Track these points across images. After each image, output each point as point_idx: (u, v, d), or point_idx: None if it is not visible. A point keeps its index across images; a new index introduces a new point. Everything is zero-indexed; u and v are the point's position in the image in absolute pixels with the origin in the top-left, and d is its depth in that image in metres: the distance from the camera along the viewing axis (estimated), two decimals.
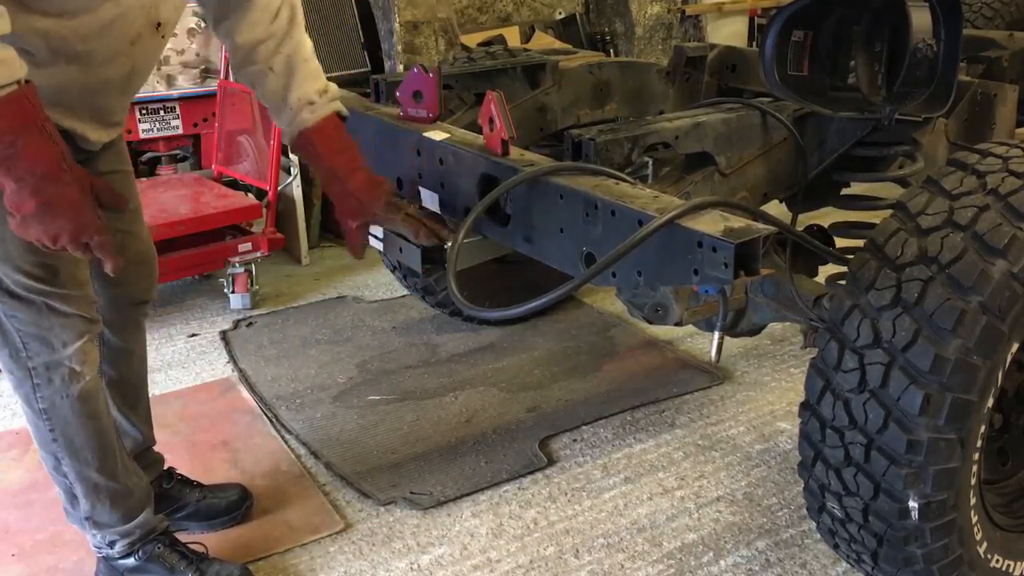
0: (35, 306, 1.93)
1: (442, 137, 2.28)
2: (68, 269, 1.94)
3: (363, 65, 4.98)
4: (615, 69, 3.17)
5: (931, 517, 1.81)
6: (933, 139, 2.66)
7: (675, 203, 1.79)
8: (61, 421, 2.04)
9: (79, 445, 2.07)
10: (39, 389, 2.02)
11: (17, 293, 1.91)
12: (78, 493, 2.13)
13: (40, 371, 2.00)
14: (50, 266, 1.90)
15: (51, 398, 2.02)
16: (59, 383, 2.01)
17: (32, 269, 1.89)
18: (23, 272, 1.88)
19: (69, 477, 2.11)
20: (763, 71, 2.46)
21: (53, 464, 2.11)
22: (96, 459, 2.10)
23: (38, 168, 1.62)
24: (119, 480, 2.15)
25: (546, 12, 6.02)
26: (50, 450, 2.09)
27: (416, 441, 2.91)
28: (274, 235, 4.15)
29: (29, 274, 1.89)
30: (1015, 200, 1.80)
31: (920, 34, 2.21)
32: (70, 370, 2.01)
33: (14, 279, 1.89)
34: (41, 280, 1.91)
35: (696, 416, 3.03)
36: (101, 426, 2.10)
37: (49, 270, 1.91)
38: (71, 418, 2.04)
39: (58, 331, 1.96)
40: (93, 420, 2.07)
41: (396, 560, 2.40)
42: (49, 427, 2.05)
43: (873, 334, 1.79)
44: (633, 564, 2.36)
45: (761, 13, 6.34)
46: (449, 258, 2.06)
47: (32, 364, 1.99)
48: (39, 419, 2.05)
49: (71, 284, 1.96)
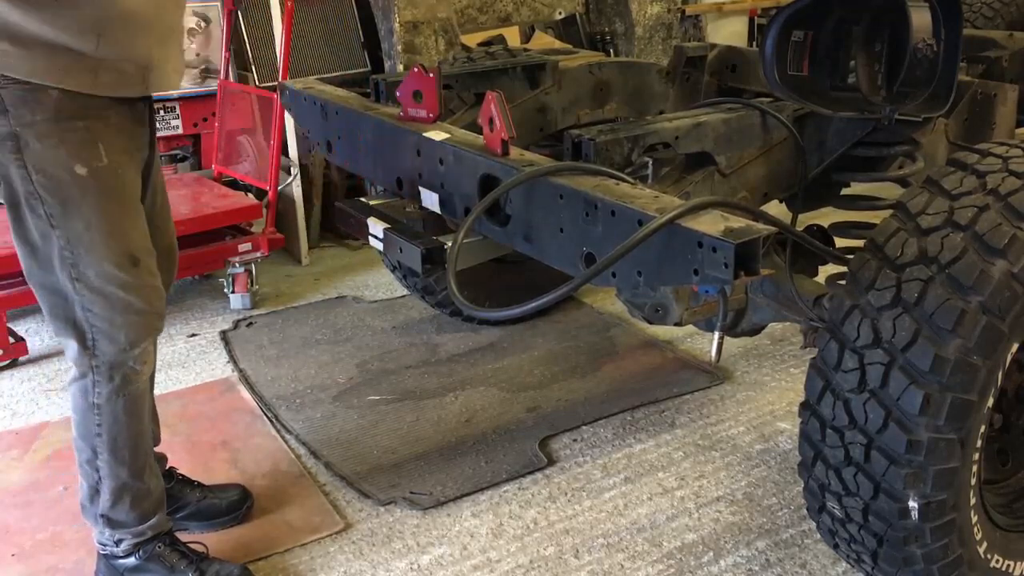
0: (111, 300, 1.99)
1: (442, 137, 2.28)
2: (147, 260, 2.03)
3: (363, 65, 4.98)
4: (615, 69, 3.17)
5: (931, 517, 1.81)
6: (933, 139, 2.66)
7: (675, 203, 1.79)
8: (110, 418, 2.09)
9: (120, 443, 2.11)
10: (98, 385, 2.06)
11: (96, 285, 1.97)
12: (103, 489, 2.15)
13: (103, 369, 2.05)
14: (132, 255, 1.99)
15: (108, 395, 2.07)
16: (119, 382, 2.06)
17: (117, 258, 1.97)
18: (108, 260, 1.96)
19: (100, 472, 2.14)
20: (763, 71, 2.47)
21: (88, 457, 2.14)
22: (131, 458, 2.14)
23: None
24: (144, 480, 2.18)
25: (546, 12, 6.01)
26: (91, 443, 2.12)
27: (416, 441, 2.91)
28: (274, 235, 4.15)
29: (114, 263, 1.96)
30: (1015, 200, 1.80)
31: (920, 34, 2.21)
32: (131, 370, 2.07)
33: (97, 269, 1.96)
34: (124, 269, 1.98)
35: (696, 416, 3.03)
36: (142, 427, 2.15)
37: (131, 259, 1.99)
38: (121, 416, 2.09)
39: (129, 330, 2.02)
40: (137, 420, 2.13)
41: (396, 560, 2.40)
42: (98, 422, 2.09)
43: (873, 334, 1.79)
44: (633, 564, 2.36)
45: (761, 13, 6.33)
46: (449, 258, 2.06)
47: (96, 363, 2.04)
48: (90, 412, 2.09)
49: (148, 274, 2.04)
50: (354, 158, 2.64)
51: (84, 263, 1.96)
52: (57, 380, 3.37)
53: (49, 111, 1.89)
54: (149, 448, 2.21)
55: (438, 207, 2.33)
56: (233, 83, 4.47)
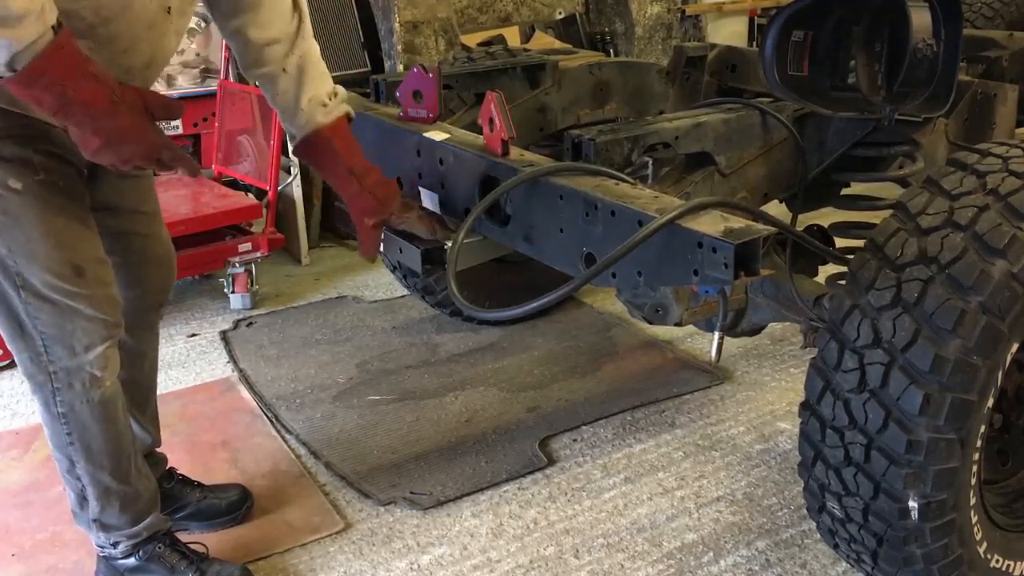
0: (59, 307, 1.92)
1: (442, 137, 2.28)
2: (93, 269, 1.95)
3: (363, 65, 4.98)
4: (615, 69, 3.17)
5: (931, 517, 1.81)
6: (933, 139, 2.66)
7: (675, 203, 1.79)
8: (79, 426, 2.03)
9: (95, 449, 2.07)
10: (59, 393, 2.00)
11: (42, 293, 1.91)
12: (89, 496, 2.12)
13: (61, 376, 1.99)
14: (76, 266, 1.91)
15: (70, 403, 2.01)
16: (79, 388, 2.00)
17: (59, 268, 1.89)
18: (50, 271, 1.89)
19: (82, 480, 2.10)
20: (763, 71, 2.47)
21: (67, 467, 2.10)
22: (111, 463, 2.09)
23: (93, 109, 1.65)
24: (131, 483, 2.14)
25: (546, 12, 6.01)
26: (65, 453, 2.08)
27: (416, 441, 2.91)
28: (274, 235, 4.15)
29: (56, 273, 1.89)
30: (1015, 200, 1.80)
31: (920, 34, 2.21)
32: (91, 375, 2.00)
33: (41, 278, 1.89)
34: (67, 279, 1.90)
35: (696, 416, 3.03)
36: (118, 430, 2.09)
37: (75, 269, 1.91)
38: (89, 423, 2.03)
39: (80, 335, 1.95)
40: (111, 424, 2.07)
41: (396, 560, 2.40)
42: (67, 431, 2.04)
43: (873, 334, 1.79)
44: (633, 564, 2.36)
45: (761, 13, 6.34)
46: (449, 258, 2.06)
47: (53, 368, 1.98)
48: (56, 423, 2.04)
49: (96, 284, 1.96)
50: None
51: (27, 272, 1.90)
52: None
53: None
54: (130, 451, 2.15)
55: (438, 207, 2.33)
56: (233, 83, 4.47)
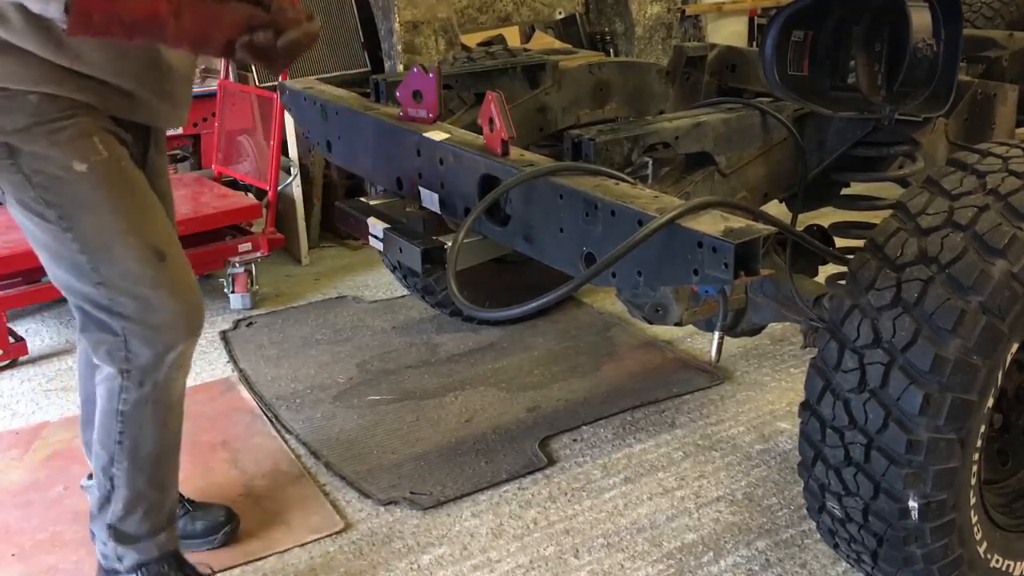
0: (141, 300, 1.84)
1: (442, 137, 2.28)
2: (174, 252, 1.90)
3: (363, 65, 4.97)
4: (615, 69, 3.17)
5: (931, 517, 1.81)
6: (933, 139, 2.66)
7: (675, 203, 1.79)
8: (135, 425, 1.96)
9: (143, 452, 1.99)
10: (126, 391, 1.92)
11: (122, 286, 1.83)
12: (115, 499, 2.03)
13: (134, 374, 1.90)
14: (158, 249, 1.85)
15: (135, 402, 1.93)
16: (149, 389, 1.92)
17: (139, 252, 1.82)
18: (129, 258, 1.82)
19: (115, 480, 2.01)
20: (763, 71, 2.47)
21: (104, 463, 2.01)
22: (152, 467, 2.02)
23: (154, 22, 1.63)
24: (163, 491, 2.07)
25: (546, 12, 6.01)
26: (109, 449, 2.00)
27: (416, 441, 2.91)
28: (274, 235, 4.15)
29: (137, 258, 1.82)
30: (1015, 200, 1.80)
31: (920, 34, 2.21)
32: (166, 377, 1.92)
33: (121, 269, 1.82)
34: (148, 264, 1.83)
35: (696, 416, 3.03)
36: (170, 434, 2.02)
37: (157, 252, 1.84)
38: (146, 425, 1.96)
39: (165, 330, 1.87)
40: (166, 429, 2.00)
41: (396, 560, 2.40)
42: (120, 428, 1.96)
43: (873, 334, 1.79)
44: (633, 564, 2.36)
45: (761, 13, 6.33)
46: (449, 258, 2.06)
47: (128, 367, 1.90)
48: (112, 419, 1.96)
49: (178, 268, 1.89)
50: (354, 158, 2.64)
51: (104, 265, 1.81)
52: (57, 380, 3.37)
53: (30, 116, 1.76)
54: (175, 457, 2.07)
55: (438, 207, 2.33)
56: (233, 83, 4.46)
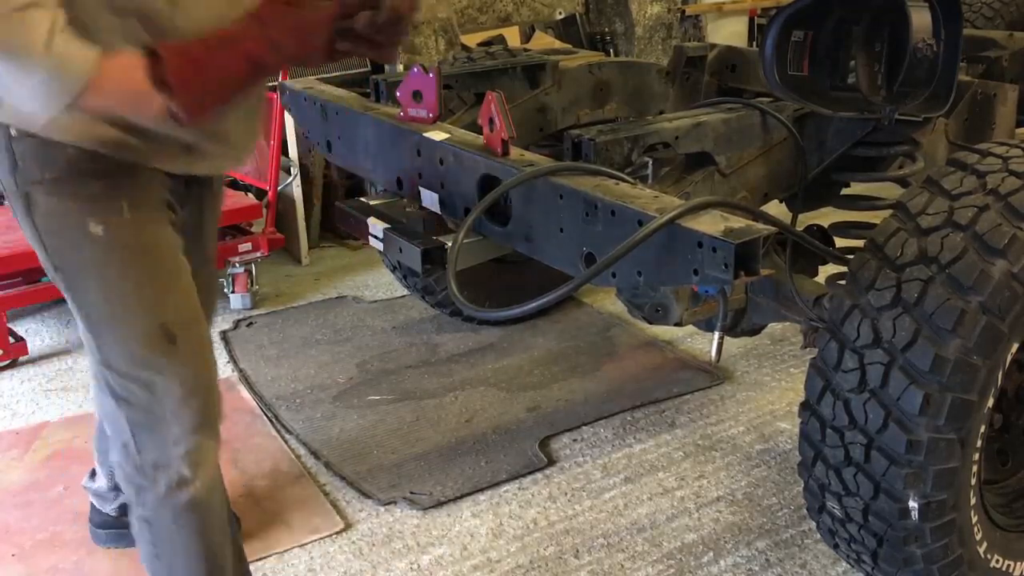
0: (147, 385, 1.65)
1: (442, 137, 2.28)
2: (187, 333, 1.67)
3: (363, 65, 4.97)
4: (615, 69, 3.17)
5: (931, 517, 1.81)
6: (933, 139, 2.66)
7: (675, 203, 1.79)
8: (164, 534, 1.75)
9: (180, 567, 1.77)
10: (143, 492, 1.73)
11: (125, 370, 1.65)
12: None
13: (147, 471, 1.71)
14: (166, 329, 1.63)
15: (154, 506, 1.74)
16: (164, 488, 1.71)
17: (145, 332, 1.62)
18: (134, 339, 1.62)
19: None
20: (763, 71, 2.47)
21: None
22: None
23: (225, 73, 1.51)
24: None
25: (546, 12, 6.01)
26: (152, 567, 1.81)
27: (416, 441, 2.91)
28: (274, 235, 4.15)
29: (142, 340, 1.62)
30: (1015, 200, 1.80)
31: (920, 34, 2.21)
32: (178, 474, 1.71)
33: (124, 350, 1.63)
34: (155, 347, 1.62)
35: (696, 416, 3.03)
36: (209, 545, 1.78)
37: (165, 333, 1.63)
38: (174, 532, 1.75)
39: (171, 421, 1.68)
40: (200, 538, 1.76)
41: (396, 560, 2.40)
42: (150, 539, 1.77)
43: (873, 334, 1.79)
44: (633, 564, 2.36)
45: (761, 13, 6.33)
46: (449, 258, 2.06)
47: (140, 462, 1.71)
48: (142, 530, 1.77)
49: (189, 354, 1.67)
50: (354, 158, 2.64)
51: (108, 345, 1.63)
52: (57, 380, 3.37)
53: (60, 168, 1.58)
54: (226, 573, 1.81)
55: (438, 207, 2.33)
56: None
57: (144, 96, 1.43)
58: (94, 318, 1.63)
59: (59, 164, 1.57)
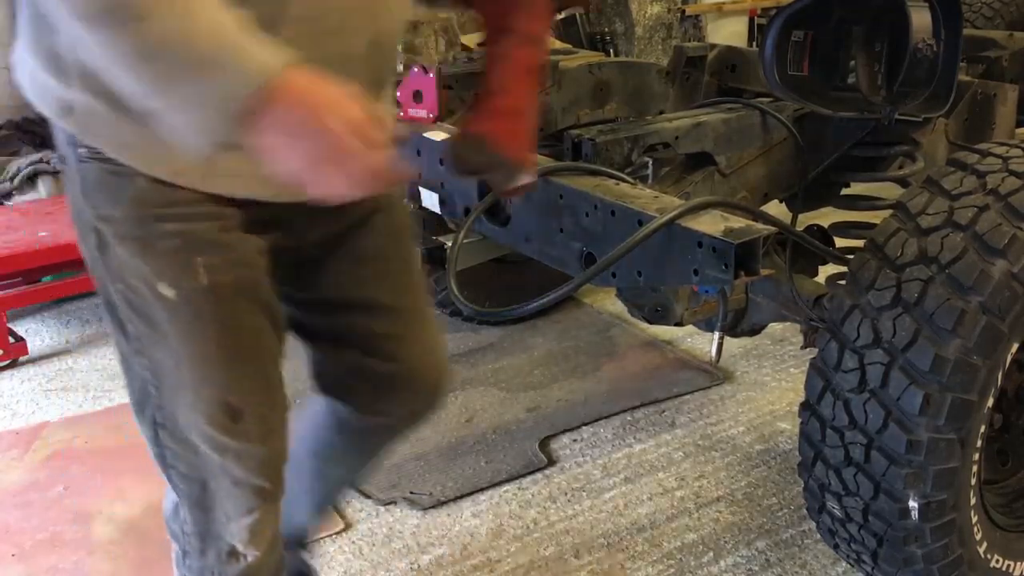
0: (202, 458, 1.43)
1: (442, 137, 2.28)
2: (255, 412, 1.44)
3: None
4: (615, 69, 3.17)
5: (931, 517, 1.81)
6: (933, 139, 2.66)
7: (675, 203, 1.79)
8: None
9: None
10: (189, 557, 1.53)
11: (184, 436, 1.42)
12: None
13: (193, 539, 1.50)
14: (231, 407, 1.40)
15: (200, 571, 1.52)
16: (212, 559, 1.50)
17: (208, 408, 1.39)
18: (197, 410, 1.39)
19: None
20: (763, 71, 2.46)
21: None
22: None
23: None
24: None
25: None
26: None
27: (416, 441, 2.90)
28: None
29: (204, 414, 1.39)
30: (1015, 200, 1.80)
31: (920, 34, 2.21)
32: (230, 548, 1.49)
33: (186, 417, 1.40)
34: (217, 425, 1.39)
35: (696, 416, 3.03)
36: None
37: (230, 412, 1.40)
38: None
39: (223, 499, 1.45)
40: None
41: (396, 560, 2.40)
42: None
43: (873, 334, 1.79)
44: (633, 564, 2.36)
45: (761, 13, 6.34)
46: (449, 258, 2.06)
47: (187, 528, 1.50)
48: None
49: (255, 435, 1.44)
50: None
51: (171, 404, 1.40)
52: (57, 380, 3.37)
53: (129, 204, 1.29)
54: None
55: (438, 207, 2.33)
56: None
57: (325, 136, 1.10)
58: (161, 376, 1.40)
59: (126, 197, 1.30)
